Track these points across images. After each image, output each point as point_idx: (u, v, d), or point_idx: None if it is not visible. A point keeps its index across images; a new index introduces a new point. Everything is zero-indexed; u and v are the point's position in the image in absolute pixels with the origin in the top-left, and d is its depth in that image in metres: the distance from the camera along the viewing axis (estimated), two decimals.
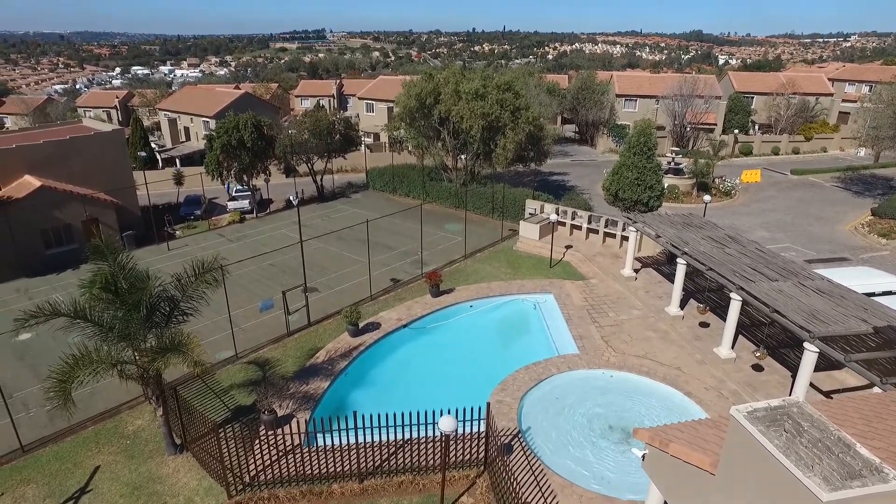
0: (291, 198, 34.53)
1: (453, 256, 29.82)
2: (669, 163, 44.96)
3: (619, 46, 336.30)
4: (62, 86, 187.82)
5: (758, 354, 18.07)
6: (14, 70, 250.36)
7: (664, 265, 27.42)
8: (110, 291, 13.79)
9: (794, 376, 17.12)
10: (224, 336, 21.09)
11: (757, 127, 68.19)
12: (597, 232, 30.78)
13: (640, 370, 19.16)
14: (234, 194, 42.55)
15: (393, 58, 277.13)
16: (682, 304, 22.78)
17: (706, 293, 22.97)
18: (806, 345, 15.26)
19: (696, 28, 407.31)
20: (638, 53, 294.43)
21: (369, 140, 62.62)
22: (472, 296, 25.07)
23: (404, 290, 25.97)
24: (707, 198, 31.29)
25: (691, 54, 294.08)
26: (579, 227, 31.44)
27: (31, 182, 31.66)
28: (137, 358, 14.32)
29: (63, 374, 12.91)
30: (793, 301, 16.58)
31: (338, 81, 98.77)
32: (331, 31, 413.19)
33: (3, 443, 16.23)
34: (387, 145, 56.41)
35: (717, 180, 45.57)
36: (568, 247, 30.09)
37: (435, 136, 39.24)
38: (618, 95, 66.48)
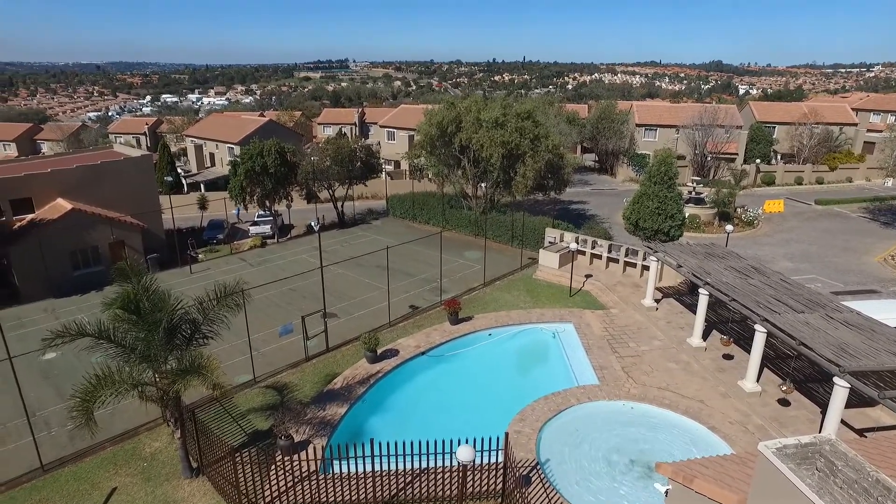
0: (312, 223, 34.97)
1: (472, 284, 29.76)
2: (690, 192, 44.67)
3: (638, 76, 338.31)
4: (96, 113, 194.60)
5: (784, 388, 17.59)
6: (53, 98, 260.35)
7: (686, 295, 27.02)
8: (133, 312, 14.01)
9: (823, 412, 16.62)
10: (243, 360, 21.18)
11: (779, 157, 67.60)
12: (617, 261, 30.55)
13: (661, 402, 18.75)
14: (255, 219, 43.20)
15: (414, 87, 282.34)
16: (705, 336, 22.36)
17: (729, 324, 22.54)
18: (836, 380, 14.81)
19: (715, 58, 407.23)
20: (658, 83, 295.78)
21: (390, 167, 63.42)
22: (491, 324, 24.91)
23: (423, 317, 25.93)
24: (729, 227, 30.94)
25: (711, 84, 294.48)
26: (599, 256, 31.23)
27: (63, 205, 32.58)
28: (158, 379, 14.44)
29: (86, 393, 13.06)
30: (820, 334, 16.18)
31: (360, 110, 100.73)
32: (354, 61, 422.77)
33: (25, 462, 16.39)
34: (407, 173, 56.98)
35: (738, 210, 45.08)
36: (588, 276, 29.87)
37: (455, 164, 39.57)
38: (637, 125, 66.64)
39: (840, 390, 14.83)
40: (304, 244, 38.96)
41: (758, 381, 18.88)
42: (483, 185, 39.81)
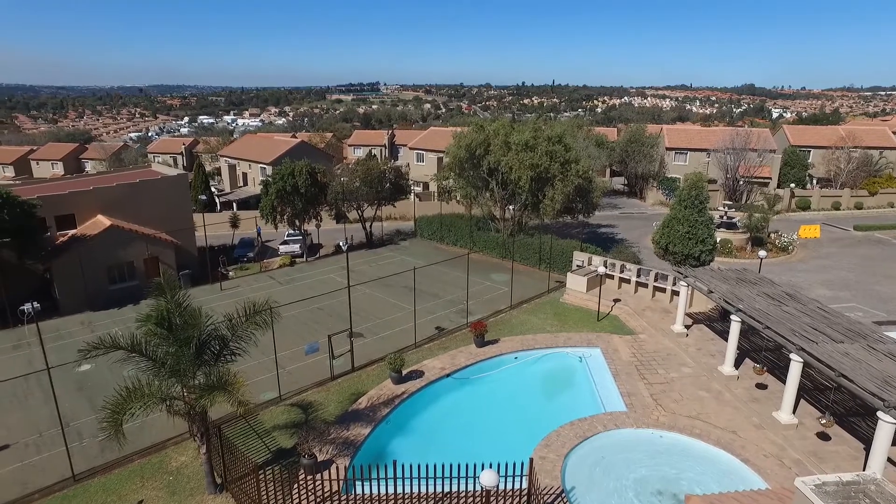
0: (341, 243, 35.36)
1: (499, 307, 29.60)
2: (722, 216, 43.84)
3: (668, 100, 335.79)
4: (137, 133, 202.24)
5: (823, 422, 16.91)
6: (98, 120, 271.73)
7: (717, 322, 26.37)
8: (164, 327, 14.32)
9: (867, 449, 15.91)
10: (269, 377, 21.37)
11: (815, 181, 66.04)
12: (646, 286, 30.07)
13: (691, 432, 18.21)
14: (285, 238, 43.91)
15: (444, 110, 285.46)
16: (737, 364, 21.71)
17: (763, 353, 21.87)
18: (880, 414, 14.16)
19: (748, 81, 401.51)
20: (688, 107, 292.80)
21: (419, 189, 63.97)
22: (518, 347, 24.67)
23: (449, 338, 25.84)
24: (762, 253, 30.21)
25: (743, 108, 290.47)
26: (628, 281, 30.79)
27: (102, 221, 33.69)
28: (186, 394, 14.66)
29: (117, 405, 13.33)
30: (862, 365, 15.57)
31: (390, 132, 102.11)
32: (384, 84, 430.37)
33: (57, 470, 16.75)
34: (436, 194, 57.47)
35: (772, 235, 44.03)
36: (616, 300, 29.43)
37: (483, 187, 39.73)
38: (668, 148, 66.03)
39: (885, 426, 14.16)
40: (332, 264, 39.38)
41: (794, 412, 18.21)
42: (511, 207, 39.83)
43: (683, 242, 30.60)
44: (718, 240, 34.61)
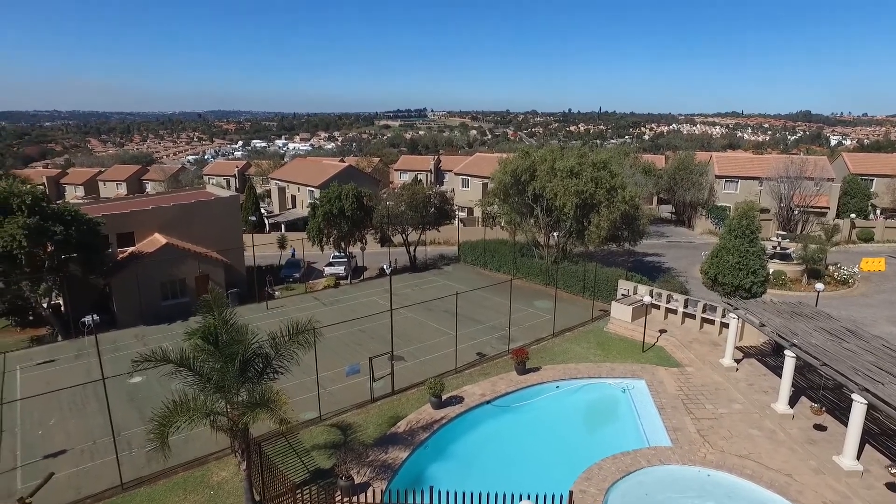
0: (385, 266, 35.78)
1: (541, 334, 29.21)
2: (775, 247, 42.21)
3: (718, 127, 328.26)
4: (194, 156, 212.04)
5: (894, 472, 15.80)
6: (160, 143, 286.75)
7: (769, 357, 25.23)
8: (211, 343, 14.75)
9: None
10: (310, 397, 21.61)
11: (879, 211, 62.94)
12: (693, 317, 29.14)
13: (742, 472, 17.33)
14: (330, 260, 44.70)
15: (490, 136, 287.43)
16: (792, 402, 20.63)
17: (821, 391, 20.75)
18: None
19: (803, 108, 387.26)
20: (739, 134, 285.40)
21: (463, 214, 64.31)
22: (560, 376, 24.22)
23: (490, 365, 25.61)
24: (819, 286, 28.88)
25: (798, 135, 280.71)
26: (674, 311, 29.92)
27: (159, 239, 35.25)
28: (229, 410, 14.97)
29: (164, 418, 13.74)
30: None
31: (435, 157, 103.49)
32: (431, 111, 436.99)
33: (107, 478, 17.38)
34: (480, 220, 57.61)
35: (830, 267, 42.06)
36: (662, 331, 28.60)
37: (528, 213, 39.62)
38: (717, 176, 64.40)
39: None
40: (375, 286, 39.81)
41: (858, 458, 17.09)
42: (555, 234, 39.52)
43: (733, 273, 29.55)
44: (771, 271, 33.31)
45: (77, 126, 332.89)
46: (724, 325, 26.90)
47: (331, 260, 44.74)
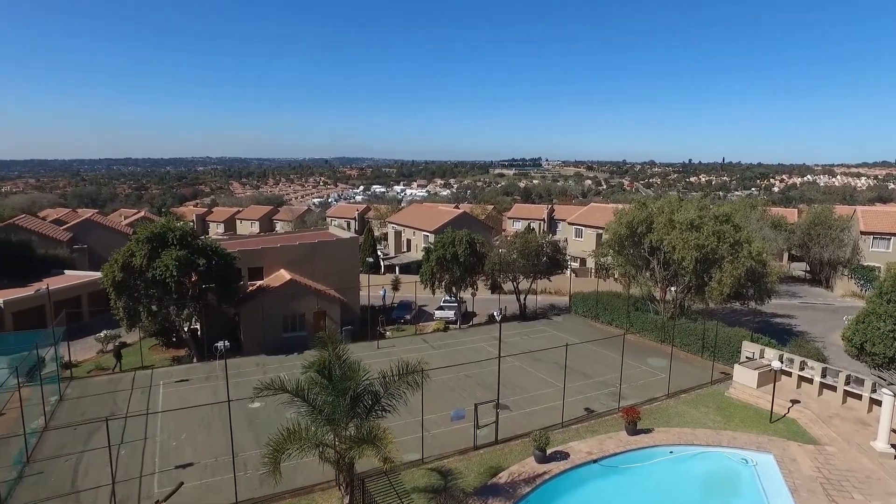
0: (495, 313, 35.64)
1: (654, 394, 27.40)
2: None
3: (864, 178, 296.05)
4: (319, 199, 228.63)
5: None
6: (290, 186, 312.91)
7: None
8: (325, 376, 15.44)
9: None
10: (413, 438, 21.71)
11: None
12: (834, 389, 25.86)
13: None
14: (441, 303, 45.40)
15: (605, 186, 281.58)
16: None
17: None
18: None
19: None
20: (891, 186, 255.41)
21: (575, 264, 62.97)
22: (674, 440, 22.43)
23: (598, 422, 24.35)
24: None
25: None
26: (810, 381, 26.80)
27: (284, 275, 38.00)
28: (337, 443, 15.44)
29: (278, 444, 14.47)
30: None
31: (549, 206, 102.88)
32: (546, 160, 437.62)
33: (224, 496, 18.49)
34: (593, 271, 56.03)
35: None
36: (794, 401, 25.65)
37: (643, 265, 37.98)
38: (863, 232, 57.76)
39: None
40: (484, 332, 39.73)
41: None
42: (673, 288, 37.40)
43: (886, 342, 25.98)
44: None
45: (223, 170, 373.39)
46: (875, 402, 23.62)
47: (441, 304, 45.42)
